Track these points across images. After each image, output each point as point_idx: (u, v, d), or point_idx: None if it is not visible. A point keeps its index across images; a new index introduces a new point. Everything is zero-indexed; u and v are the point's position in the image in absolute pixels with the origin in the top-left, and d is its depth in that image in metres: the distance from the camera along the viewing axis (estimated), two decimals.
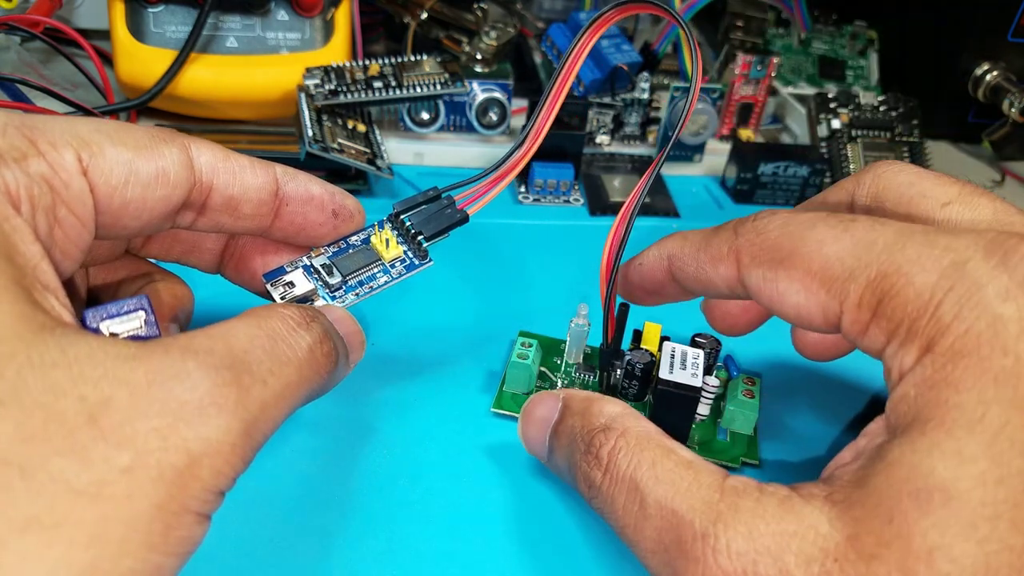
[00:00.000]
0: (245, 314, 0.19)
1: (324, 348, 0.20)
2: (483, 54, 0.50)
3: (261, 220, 0.24)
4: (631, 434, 0.21)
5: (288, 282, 0.24)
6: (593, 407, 0.22)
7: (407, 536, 0.24)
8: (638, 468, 0.20)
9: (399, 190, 0.44)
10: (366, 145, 0.42)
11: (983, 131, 0.54)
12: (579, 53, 0.25)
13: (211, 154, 0.22)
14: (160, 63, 0.41)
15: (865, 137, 0.48)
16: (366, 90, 0.42)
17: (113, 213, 0.20)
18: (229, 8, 0.43)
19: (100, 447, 0.15)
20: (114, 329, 0.17)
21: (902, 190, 0.22)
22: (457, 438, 0.28)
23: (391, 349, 0.32)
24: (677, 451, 0.20)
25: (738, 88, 0.50)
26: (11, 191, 0.17)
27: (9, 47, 0.45)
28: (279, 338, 0.19)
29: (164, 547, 0.15)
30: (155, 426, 0.15)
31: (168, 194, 0.21)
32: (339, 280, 0.25)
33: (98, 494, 0.14)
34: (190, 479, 0.16)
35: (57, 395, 0.15)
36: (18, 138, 0.18)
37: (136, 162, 0.20)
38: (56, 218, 0.18)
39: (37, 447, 0.14)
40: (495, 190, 0.26)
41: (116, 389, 0.15)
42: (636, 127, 0.49)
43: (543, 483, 0.27)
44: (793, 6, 0.53)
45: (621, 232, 0.26)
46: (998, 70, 0.52)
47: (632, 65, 0.46)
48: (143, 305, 0.18)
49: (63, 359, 0.15)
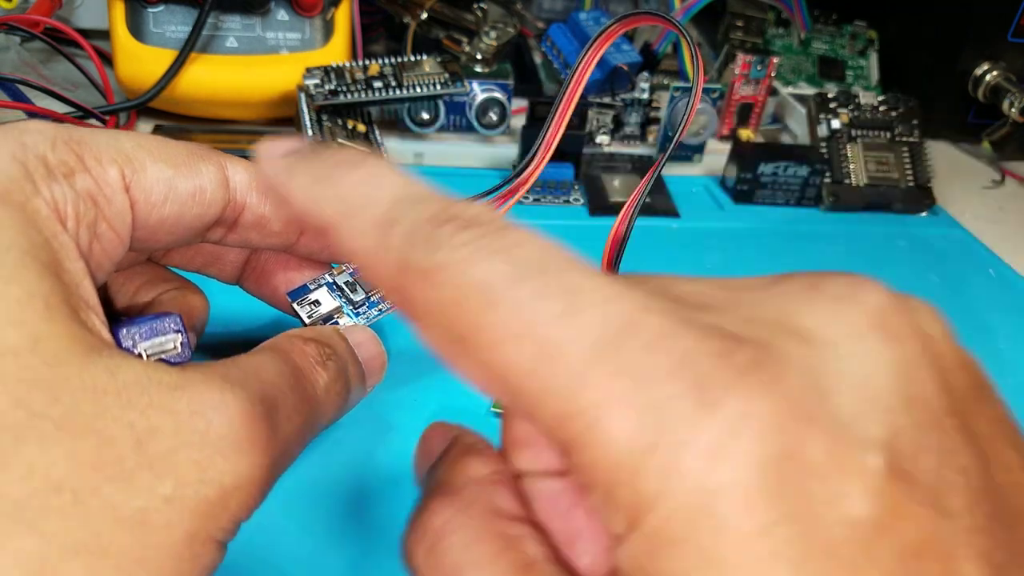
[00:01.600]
0: (269, 346, 0.20)
1: (337, 387, 0.20)
2: (483, 54, 0.50)
3: (288, 237, 0.24)
4: (474, 511, 0.16)
5: (314, 301, 0.25)
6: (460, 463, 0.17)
7: None
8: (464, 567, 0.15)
9: None
10: (366, 145, 0.42)
11: (983, 131, 0.54)
12: (587, 65, 0.25)
13: (246, 173, 0.22)
14: (160, 63, 0.41)
15: (865, 137, 0.48)
16: (366, 90, 0.42)
17: (150, 228, 0.20)
18: (229, 8, 0.43)
19: (146, 475, 0.15)
20: (150, 351, 0.17)
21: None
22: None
23: (391, 348, 0.32)
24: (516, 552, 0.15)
25: (738, 88, 0.50)
26: (59, 207, 0.17)
27: (9, 47, 0.45)
28: (301, 376, 0.19)
29: (191, 572, 0.16)
30: (195, 458, 0.16)
31: (203, 212, 0.21)
32: (362, 297, 0.25)
33: (142, 522, 0.15)
34: (220, 511, 0.16)
35: (108, 421, 0.15)
36: (66, 152, 0.18)
37: (175, 179, 0.20)
38: (95, 233, 0.19)
39: (90, 474, 0.15)
40: (510, 203, 0.26)
41: (161, 418, 0.16)
42: (636, 127, 0.49)
43: None
44: (793, 6, 0.53)
45: (621, 232, 0.26)
46: (998, 70, 0.52)
47: (632, 65, 0.46)
48: (179, 327, 0.18)
49: (112, 384, 0.16)
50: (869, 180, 0.48)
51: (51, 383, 0.15)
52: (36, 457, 0.14)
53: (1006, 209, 0.51)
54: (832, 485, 0.11)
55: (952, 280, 0.41)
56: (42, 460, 0.14)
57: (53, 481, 0.14)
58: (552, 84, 0.51)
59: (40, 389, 0.15)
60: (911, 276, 0.41)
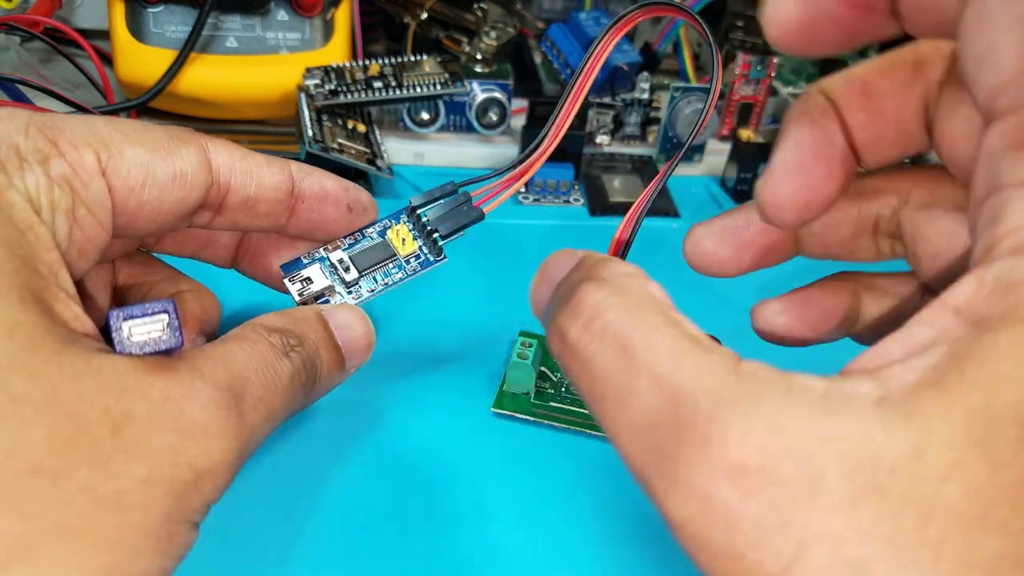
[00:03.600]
0: (236, 335, 0.20)
1: (301, 378, 0.21)
2: (483, 54, 0.50)
3: (277, 218, 0.24)
4: (631, 292, 0.16)
5: (306, 278, 0.25)
6: (603, 264, 0.18)
7: (404, 533, 0.24)
8: (632, 329, 0.15)
9: (399, 190, 0.44)
10: (366, 145, 0.42)
11: None
12: (602, 51, 0.25)
13: (228, 154, 0.22)
14: (160, 63, 0.41)
15: None
16: (366, 90, 0.42)
17: (129, 214, 0.20)
18: (229, 8, 0.43)
19: (122, 458, 0.16)
20: (136, 331, 0.18)
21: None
22: (457, 437, 0.28)
23: (391, 348, 0.32)
24: (685, 324, 0.16)
25: (738, 88, 0.50)
26: (32, 196, 0.17)
27: (9, 47, 0.45)
28: (267, 365, 0.20)
29: (169, 552, 0.16)
30: (169, 442, 0.16)
31: (185, 196, 0.21)
32: (355, 276, 0.25)
33: (120, 503, 0.15)
34: (194, 492, 0.17)
35: (85, 405, 0.16)
36: (40, 139, 0.18)
37: (154, 163, 0.20)
38: (75, 218, 0.19)
39: (68, 456, 0.15)
40: (512, 188, 0.26)
41: (136, 403, 0.16)
42: (636, 127, 0.49)
43: (542, 482, 0.27)
44: None
45: (625, 238, 0.25)
46: None
47: (632, 65, 0.46)
48: (167, 309, 0.18)
49: (88, 369, 0.16)
50: None
51: (29, 367, 0.15)
52: (15, 440, 0.15)
53: None
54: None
55: None
56: (21, 443, 0.15)
57: (32, 463, 0.15)
58: (552, 84, 0.51)
59: (18, 373, 0.15)
60: None
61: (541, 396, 0.30)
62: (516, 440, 0.26)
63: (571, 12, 0.49)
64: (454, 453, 0.27)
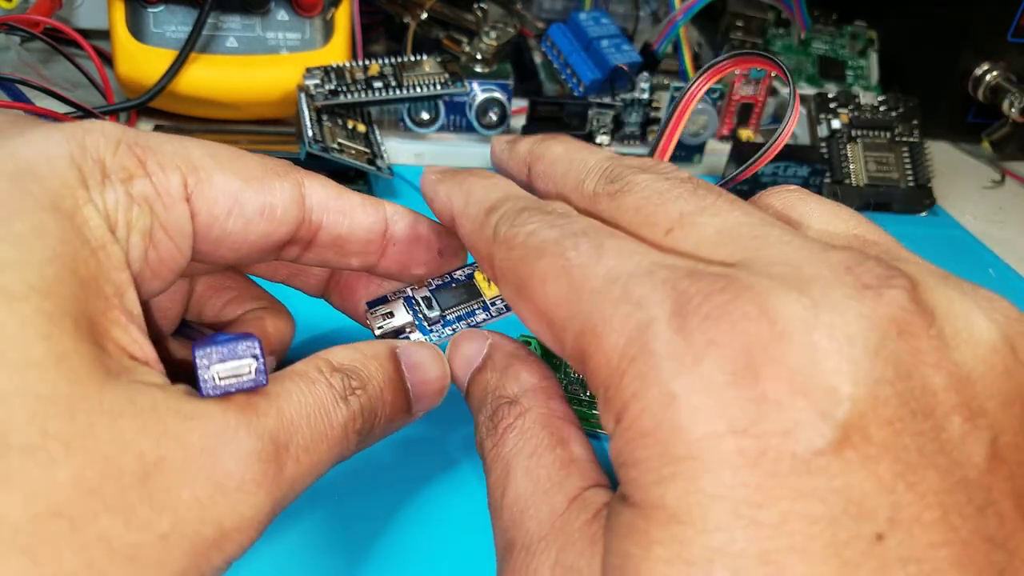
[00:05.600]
0: (298, 372, 0.19)
1: (355, 425, 0.19)
2: (483, 54, 0.50)
3: (367, 257, 0.23)
4: (530, 416, 0.20)
5: (388, 312, 0.24)
6: (512, 369, 0.21)
7: (404, 533, 0.24)
8: (518, 454, 0.19)
9: (399, 190, 0.44)
10: (366, 145, 0.42)
11: (983, 131, 0.54)
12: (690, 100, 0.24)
13: (324, 192, 0.22)
14: (160, 63, 0.41)
15: (865, 137, 0.48)
16: (366, 90, 0.42)
17: (212, 241, 0.20)
18: (229, 8, 0.43)
19: (146, 510, 0.15)
20: (222, 374, 0.17)
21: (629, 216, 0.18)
22: (457, 437, 0.28)
23: None
24: (568, 446, 0.19)
25: (738, 88, 0.50)
26: (110, 213, 0.17)
27: (9, 47, 0.45)
28: (321, 410, 0.19)
29: None
30: (197, 495, 0.15)
31: (272, 230, 0.21)
32: (438, 314, 0.24)
33: (134, 557, 0.15)
34: (215, 552, 0.16)
35: (119, 448, 0.15)
36: (128, 156, 0.18)
37: (244, 194, 0.20)
38: (152, 240, 0.18)
39: (91, 501, 0.14)
40: None
41: (171, 449, 0.15)
42: (636, 127, 0.49)
43: None
44: (793, 6, 0.53)
45: None
46: (998, 70, 0.52)
47: (632, 65, 0.46)
48: (256, 352, 0.17)
49: (130, 408, 0.15)
50: (869, 180, 0.48)
51: (69, 402, 0.14)
52: (41, 480, 0.14)
53: (1006, 209, 0.51)
54: (783, 417, 0.13)
55: None
56: (46, 483, 0.14)
57: (53, 506, 0.14)
58: (552, 84, 0.51)
59: (56, 407, 0.14)
60: None
61: None
62: None
63: (571, 12, 0.49)
64: (454, 451, 0.27)
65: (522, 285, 0.17)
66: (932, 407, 0.14)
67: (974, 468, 0.13)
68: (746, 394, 0.13)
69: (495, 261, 0.19)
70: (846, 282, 0.14)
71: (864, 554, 0.13)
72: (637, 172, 0.19)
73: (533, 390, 0.21)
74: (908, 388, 0.14)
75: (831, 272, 0.15)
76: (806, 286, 0.14)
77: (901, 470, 0.13)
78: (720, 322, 0.14)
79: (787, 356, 0.14)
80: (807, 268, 0.15)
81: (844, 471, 0.13)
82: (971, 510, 0.13)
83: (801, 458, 0.13)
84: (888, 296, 0.14)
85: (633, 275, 0.15)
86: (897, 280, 0.14)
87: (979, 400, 0.14)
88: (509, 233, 0.18)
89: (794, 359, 0.14)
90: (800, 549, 0.13)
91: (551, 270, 0.17)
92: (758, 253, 0.16)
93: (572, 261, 0.16)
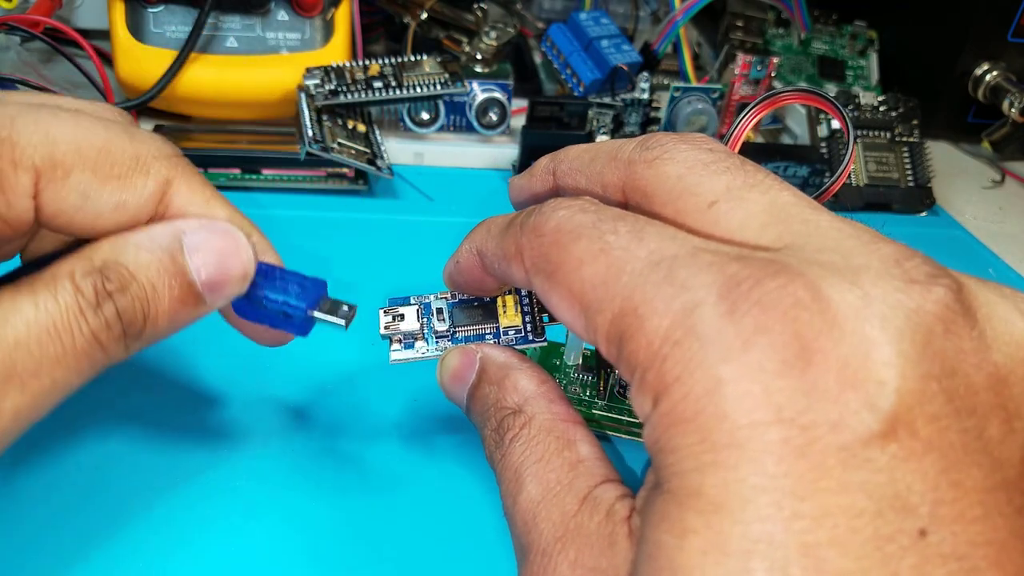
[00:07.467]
0: (38, 283, 0.17)
1: (112, 333, 0.18)
2: (483, 54, 0.50)
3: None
4: (535, 423, 0.20)
5: (400, 314, 0.24)
6: (508, 380, 0.21)
7: (403, 532, 0.24)
8: (526, 461, 0.19)
9: (399, 190, 0.43)
10: (366, 145, 0.42)
11: (983, 131, 0.54)
12: (745, 125, 0.23)
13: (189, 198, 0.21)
14: (160, 63, 0.41)
15: (865, 137, 0.48)
16: (366, 90, 0.42)
17: (55, 226, 0.19)
18: (229, 8, 0.43)
19: None
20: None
21: (670, 184, 0.18)
22: (457, 437, 0.28)
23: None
24: (575, 447, 0.19)
25: (738, 88, 0.50)
26: None
27: (9, 47, 0.45)
28: (58, 327, 0.17)
29: None
30: None
31: (124, 222, 0.20)
32: (446, 329, 0.24)
33: None
34: None
35: None
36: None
37: (97, 193, 0.19)
38: None
39: None
40: None
41: None
42: (636, 127, 0.49)
43: None
44: (793, 6, 0.53)
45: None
46: (998, 70, 0.52)
47: (632, 65, 0.46)
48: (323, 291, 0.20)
49: None
50: (869, 180, 0.48)
51: None
52: None
53: (1006, 209, 0.51)
54: (831, 408, 0.13)
55: None
56: None
57: None
58: (552, 84, 0.51)
59: None
60: None
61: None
62: None
63: (571, 12, 0.49)
64: (454, 451, 0.27)
65: (555, 270, 0.17)
66: (974, 406, 0.14)
67: (1013, 469, 0.13)
68: (795, 383, 0.13)
69: (524, 252, 0.19)
70: (895, 275, 0.14)
71: (906, 549, 0.12)
72: (678, 142, 0.19)
73: (534, 396, 0.21)
74: (953, 386, 0.13)
75: (881, 263, 0.15)
76: (856, 276, 0.14)
77: (945, 466, 0.13)
78: (772, 308, 0.14)
79: (839, 346, 0.13)
80: (856, 258, 0.15)
81: (890, 465, 0.13)
82: (1010, 510, 0.13)
83: (849, 451, 0.13)
84: (935, 293, 0.14)
85: (677, 257, 0.15)
86: (944, 279, 0.14)
87: (1016, 402, 0.14)
88: (538, 220, 0.18)
89: (845, 349, 0.13)
90: (841, 542, 0.13)
91: (588, 252, 0.17)
92: (808, 239, 0.16)
93: (611, 244, 0.16)
